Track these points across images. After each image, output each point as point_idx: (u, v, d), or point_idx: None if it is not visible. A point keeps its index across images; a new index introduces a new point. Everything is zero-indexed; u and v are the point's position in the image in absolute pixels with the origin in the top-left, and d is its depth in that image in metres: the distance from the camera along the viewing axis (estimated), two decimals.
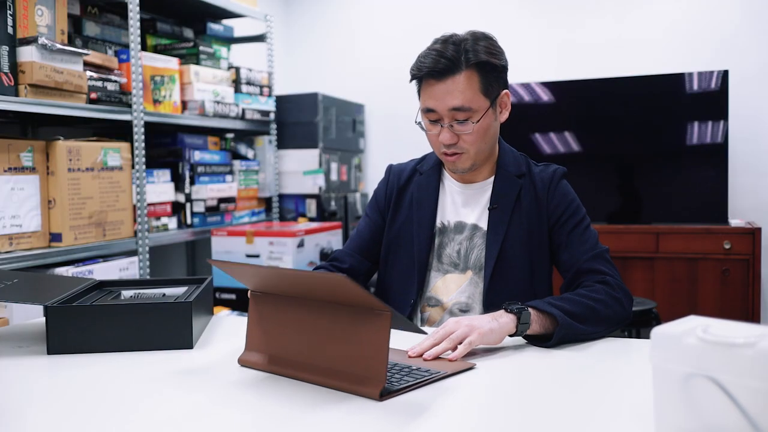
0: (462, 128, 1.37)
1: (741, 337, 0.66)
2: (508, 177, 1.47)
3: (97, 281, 1.48)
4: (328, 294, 1.02)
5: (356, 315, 0.98)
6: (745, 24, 3.31)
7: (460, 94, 1.35)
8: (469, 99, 1.35)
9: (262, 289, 1.12)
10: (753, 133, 3.29)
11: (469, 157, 1.41)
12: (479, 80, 1.36)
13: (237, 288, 2.87)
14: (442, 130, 1.38)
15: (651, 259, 3.04)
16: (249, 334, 1.12)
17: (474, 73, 1.36)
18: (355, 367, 0.97)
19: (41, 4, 2.12)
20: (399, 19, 4.02)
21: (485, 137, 1.40)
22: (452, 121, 1.37)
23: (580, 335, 1.22)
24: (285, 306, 1.08)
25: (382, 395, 0.92)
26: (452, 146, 1.39)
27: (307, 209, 3.43)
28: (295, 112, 3.49)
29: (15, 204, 2.07)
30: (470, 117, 1.36)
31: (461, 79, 1.35)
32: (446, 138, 1.38)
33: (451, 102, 1.35)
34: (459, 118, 1.36)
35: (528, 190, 1.46)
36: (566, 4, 3.66)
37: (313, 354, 1.03)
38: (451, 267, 1.46)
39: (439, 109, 1.37)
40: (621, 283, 1.33)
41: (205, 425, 0.86)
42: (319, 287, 1.03)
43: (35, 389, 1.03)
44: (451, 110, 1.36)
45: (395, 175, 1.58)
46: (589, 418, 0.86)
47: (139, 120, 2.50)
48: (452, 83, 1.35)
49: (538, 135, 3.41)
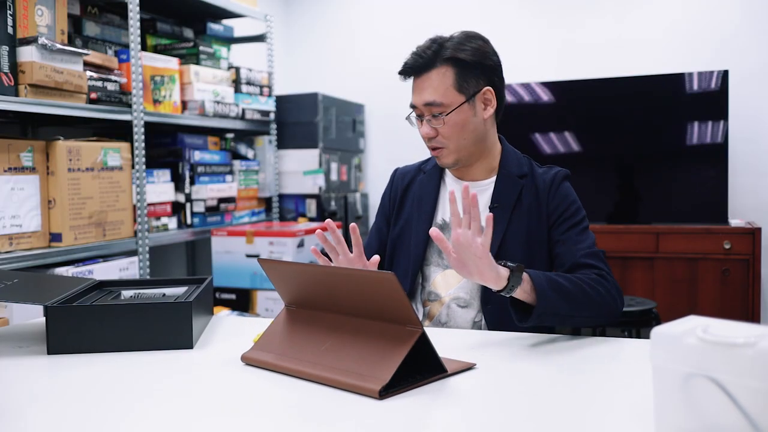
0: (436, 122, 1.42)
1: (741, 337, 0.66)
2: (509, 177, 1.48)
3: (97, 281, 1.48)
4: (371, 293, 1.02)
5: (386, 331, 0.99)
6: (745, 24, 3.31)
7: (432, 90, 1.41)
8: (441, 94, 1.40)
9: (298, 296, 1.14)
10: (753, 133, 3.29)
11: (450, 151, 1.44)
12: (453, 76, 1.41)
13: (237, 288, 2.87)
14: (423, 124, 1.44)
15: (651, 259, 3.04)
16: (266, 338, 1.14)
17: (449, 68, 1.41)
18: (361, 366, 0.97)
19: (41, 4, 2.12)
20: (399, 19, 4.02)
21: (462, 132, 1.43)
22: (429, 115, 1.43)
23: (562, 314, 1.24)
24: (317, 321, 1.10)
25: (381, 393, 0.92)
26: (432, 140, 1.44)
27: (307, 209, 3.43)
28: (295, 112, 3.49)
29: (15, 204, 2.07)
30: (442, 111, 1.41)
31: (434, 75, 1.41)
32: (424, 131, 1.44)
33: (423, 97, 1.42)
34: (434, 112, 1.42)
35: (529, 190, 1.47)
36: (566, 4, 3.66)
37: (324, 354, 1.03)
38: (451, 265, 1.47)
39: (417, 104, 1.44)
40: (615, 282, 1.36)
41: (205, 425, 0.86)
42: (366, 284, 1.03)
43: (35, 389, 1.03)
44: (425, 105, 1.42)
45: (399, 178, 1.62)
46: (588, 418, 0.86)
47: (139, 120, 2.50)
48: (426, 79, 1.42)
49: (538, 135, 3.41)
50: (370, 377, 0.94)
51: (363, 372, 0.96)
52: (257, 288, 2.85)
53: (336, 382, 0.98)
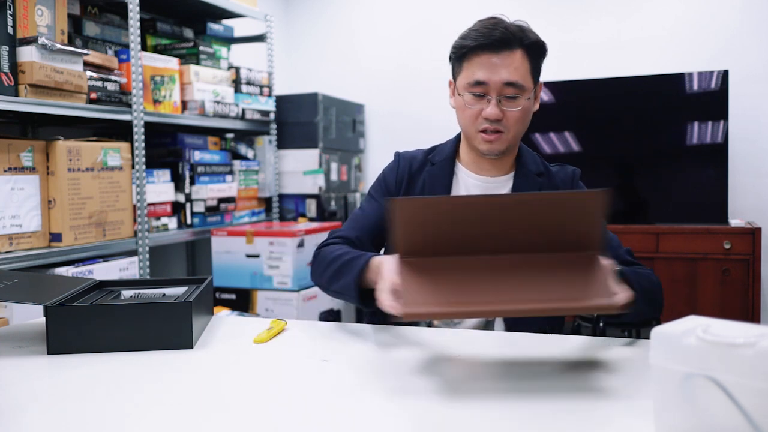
0: (510, 105, 1.35)
1: (741, 337, 0.66)
2: (528, 175, 1.45)
3: (97, 281, 1.48)
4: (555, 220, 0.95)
5: (565, 259, 0.93)
6: (745, 24, 3.31)
7: (515, 70, 1.33)
8: (522, 76, 1.34)
9: (437, 240, 0.98)
10: (753, 133, 3.29)
11: (507, 138, 1.38)
12: (530, 62, 1.36)
13: (237, 288, 2.87)
14: (490, 104, 1.34)
15: (651, 259, 3.04)
16: (411, 294, 0.97)
17: (525, 54, 1.35)
18: (571, 291, 0.90)
19: (41, 4, 2.12)
20: (399, 19, 4.02)
21: (525, 121, 1.39)
22: (501, 95, 1.34)
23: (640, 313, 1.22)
24: (469, 265, 0.98)
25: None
26: (496, 123, 1.35)
27: (307, 209, 3.44)
28: (295, 112, 3.49)
29: (15, 204, 2.07)
30: (521, 95, 1.35)
31: (518, 56, 1.34)
32: (493, 113, 1.34)
33: (506, 75, 1.33)
34: (508, 93, 1.34)
35: (548, 189, 1.45)
36: (566, 4, 3.66)
37: (515, 290, 0.94)
38: None
39: (492, 81, 1.33)
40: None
41: (205, 425, 0.86)
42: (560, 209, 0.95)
43: (35, 389, 1.03)
44: (504, 84, 1.33)
45: (406, 162, 1.52)
46: (588, 417, 0.86)
47: (139, 120, 2.50)
48: (509, 57, 1.33)
49: (538, 135, 3.41)
50: (593, 297, 0.89)
51: (577, 296, 0.90)
52: (257, 288, 2.85)
53: (564, 309, 0.92)
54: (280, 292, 2.81)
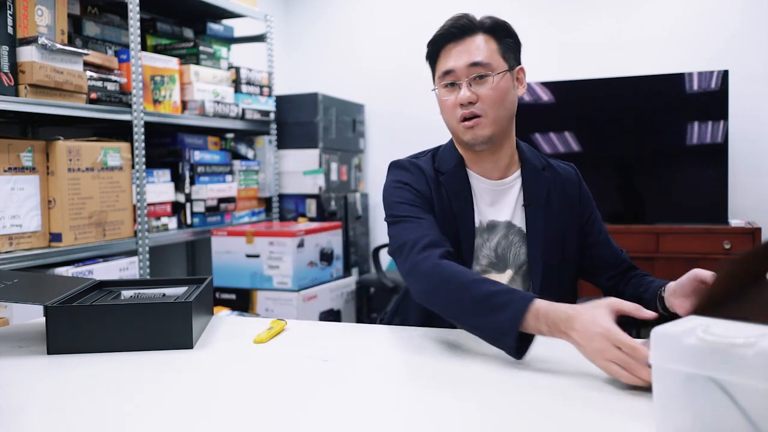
0: (481, 85, 1.34)
1: (741, 337, 0.66)
2: (534, 170, 1.45)
3: (97, 281, 1.48)
4: None
5: None
6: (745, 24, 3.31)
7: (478, 50, 1.35)
8: (487, 56, 1.35)
9: None
10: (753, 133, 3.29)
11: (488, 122, 1.34)
12: (496, 44, 1.38)
13: (237, 288, 2.87)
14: (461, 89, 1.35)
15: (651, 259, 3.04)
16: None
17: (490, 37, 1.37)
18: None
19: (41, 4, 2.12)
20: (399, 19, 4.02)
21: (504, 102, 1.36)
22: (469, 78, 1.35)
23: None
24: None
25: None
26: (470, 106, 1.34)
27: (307, 209, 3.44)
28: (295, 112, 3.49)
29: (15, 204, 2.07)
30: (489, 73, 1.35)
31: (479, 39, 1.36)
32: (464, 96, 1.34)
33: (468, 58, 1.35)
34: (479, 73, 1.34)
35: (555, 183, 1.45)
36: (566, 4, 3.66)
37: None
38: (490, 267, 1.42)
39: (458, 67, 1.35)
40: None
41: (205, 425, 0.86)
42: None
43: (35, 389, 1.03)
44: (469, 66, 1.34)
45: (416, 168, 1.43)
46: (588, 418, 0.86)
47: (139, 120, 2.50)
48: (470, 42, 1.36)
49: (538, 135, 3.41)
50: None
51: None
52: (257, 288, 2.85)
53: None
54: (280, 292, 2.81)
